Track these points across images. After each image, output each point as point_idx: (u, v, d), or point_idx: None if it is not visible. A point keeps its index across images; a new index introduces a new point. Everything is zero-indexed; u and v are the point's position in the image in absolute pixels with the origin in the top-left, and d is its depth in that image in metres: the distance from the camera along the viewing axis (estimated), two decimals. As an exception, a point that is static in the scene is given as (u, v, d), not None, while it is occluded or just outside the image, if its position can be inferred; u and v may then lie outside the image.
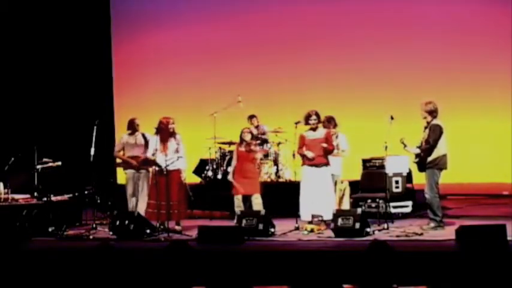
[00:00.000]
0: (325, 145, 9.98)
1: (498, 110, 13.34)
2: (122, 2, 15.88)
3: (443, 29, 13.73)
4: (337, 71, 14.33)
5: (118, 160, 11.30)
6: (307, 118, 10.14)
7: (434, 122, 9.77)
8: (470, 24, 13.62)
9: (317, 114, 10.15)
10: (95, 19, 15.34)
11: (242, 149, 11.08)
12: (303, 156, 10.11)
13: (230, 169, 11.29)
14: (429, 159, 9.75)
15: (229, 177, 11.15)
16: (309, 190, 9.95)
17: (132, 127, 11.01)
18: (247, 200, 11.00)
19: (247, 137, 11.08)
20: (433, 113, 9.81)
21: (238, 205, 10.94)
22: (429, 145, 9.74)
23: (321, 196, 9.92)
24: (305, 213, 9.90)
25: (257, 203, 10.86)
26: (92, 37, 15.25)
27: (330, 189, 10.09)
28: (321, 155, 10.04)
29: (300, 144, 10.21)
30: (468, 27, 13.64)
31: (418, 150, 9.90)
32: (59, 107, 14.80)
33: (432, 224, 9.68)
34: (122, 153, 10.97)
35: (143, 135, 10.95)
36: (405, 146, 10.01)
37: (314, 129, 10.12)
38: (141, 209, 10.54)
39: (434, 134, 9.73)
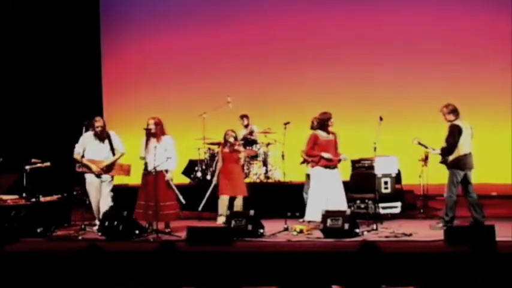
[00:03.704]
0: (345, 156, 10.15)
1: (486, 112, 13.39)
2: (111, 4, 15.84)
3: (440, 32, 13.79)
4: (327, 72, 14.35)
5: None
6: (327, 120, 10.08)
7: (454, 122, 9.76)
8: (469, 28, 13.68)
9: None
10: (84, 20, 15.30)
11: (226, 150, 11.19)
12: (317, 156, 10.03)
13: (216, 171, 11.36)
14: (449, 159, 9.76)
15: (214, 179, 11.24)
16: (324, 191, 9.93)
17: (92, 128, 10.46)
18: (231, 201, 11.09)
19: (231, 138, 11.18)
20: (455, 113, 9.79)
21: (223, 206, 10.97)
22: (446, 145, 9.75)
23: (339, 194, 10.04)
24: (317, 214, 9.81)
25: (237, 205, 10.94)
26: (81, 37, 15.19)
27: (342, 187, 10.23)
28: (336, 157, 10.12)
29: (310, 143, 10.11)
30: (466, 30, 13.70)
31: (438, 151, 9.91)
32: (48, 108, 14.74)
33: (440, 224, 9.68)
34: (80, 156, 10.38)
35: (108, 136, 10.52)
36: (426, 147, 10.05)
37: (328, 131, 10.12)
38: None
39: (450, 134, 9.72)
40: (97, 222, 10.37)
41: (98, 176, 10.40)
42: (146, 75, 15.51)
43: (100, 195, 10.42)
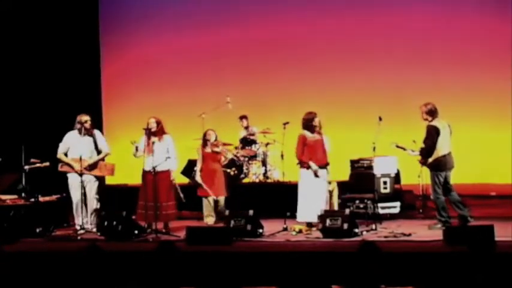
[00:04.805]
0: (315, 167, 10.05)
1: (486, 112, 13.40)
2: (110, 4, 15.83)
3: (440, 33, 13.77)
4: (326, 72, 14.33)
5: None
6: (311, 120, 10.06)
7: (431, 123, 9.78)
8: (469, 28, 13.65)
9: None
10: (83, 21, 15.29)
11: (208, 150, 11.16)
12: (304, 163, 10.03)
13: (197, 171, 11.33)
14: (429, 160, 9.79)
15: (197, 178, 11.20)
16: (314, 191, 9.93)
17: (79, 126, 10.40)
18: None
19: (212, 138, 11.17)
20: (432, 113, 9.81)
21: (209, 207, 10.97)
22: (425, 147, 9.78)
23: (325, 194, 10.02)
24: (310, 214, 9.80)
25: (220, 205, 10.95)
26: (81, 38, 15.18)
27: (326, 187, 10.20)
28: (325, 156, 10.11)
29: (300, 145, 10.08)
30: (467, 30, 13.68)
31: (417, 153, 9.94)
32: (47, 107, 14.73)
33: (438, 225, 9.71)
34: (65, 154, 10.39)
35: (92, 135, 10.44)
36: (404, 149, 10.07)
37: (313, 131, 10.10)
38: (90, 221, 10.34)
39: (428, 135, 9.75)
40: (77, 222, 10.34)
41: (80, 175, 10.25)
42: (145, 75, 15.50)
43: (83, 195, 10.28)
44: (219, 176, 11.20)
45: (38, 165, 11.03)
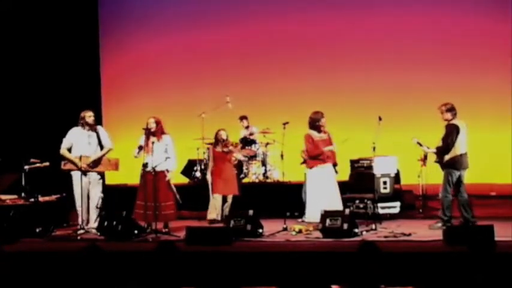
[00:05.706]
0: (331, 147, 10.10)
1: (486, 112, 13.40)
2: (110, 3, 15.83)
3: (440, 33, 13.78)
4: (326, 72, 14.34)
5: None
6: (318, 120, 10.11)
7: (452, 122, 9.77)
8: (469, 27, 13.65)
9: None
10: (83, 21, 15.27)
11: (218, 149, 11.22)
12: (322, 154, 10.05)
13: (208, 169, 11.41)
14: (446, 158, 9.77)
15: (208, 177, 11.27)
16: (323, 191, 9.95)
17: (83, 122, 10.38)
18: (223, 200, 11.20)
19: (223, 138, 11.24)
20: (453, 111, 9.79)
21: (216, 205, 11.01)
22: (443, 144, 9.76)
23: (336, 191, 10.12)
24: (317, 213, 9.81)
25: (228, 205, 11.00)
26: (80, 37, 15.17)
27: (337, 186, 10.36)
28: (333, 155, 10.30)
29: (309, 143, 10.14)
30: (467, 30, 13.68)
31: (434, 150, 9.93)
32: (47, 108, 14.72)
33: (439, 224, 9.70)
34: (68, 151, 10.34)
35: (96, 131, 10.42)
36: (421, 145, 10.07)
37: (320, 130, 10.13)
38: (92, 220, 10.32)
39: (448, 133, 9.72)
40: (79, 221, 10.33)
41: (85, 174, 10.24)
42: (145, 75, 15.49)
43: (87, 194, 10.28)
44: (229, 175, 11.26)
45: (38, 165, 11.03)
